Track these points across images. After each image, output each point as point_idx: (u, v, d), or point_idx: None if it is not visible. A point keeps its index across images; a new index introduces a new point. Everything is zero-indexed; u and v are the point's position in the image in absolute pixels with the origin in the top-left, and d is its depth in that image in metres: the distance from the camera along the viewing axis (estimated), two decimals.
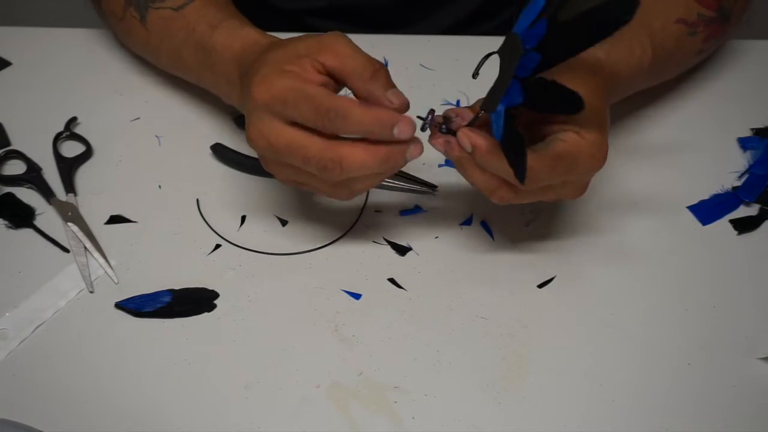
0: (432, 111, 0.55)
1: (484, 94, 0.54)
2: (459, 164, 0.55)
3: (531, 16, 0.52)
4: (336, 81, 0.55)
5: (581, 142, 0.54)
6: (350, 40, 0.56)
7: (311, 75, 0.54)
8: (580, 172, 0.55)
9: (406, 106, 0.54)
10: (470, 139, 0.52)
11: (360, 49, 0.55)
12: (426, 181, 0.65)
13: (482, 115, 0.54)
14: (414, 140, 0.53)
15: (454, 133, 0.54)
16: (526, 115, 0.55)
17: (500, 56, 0.54)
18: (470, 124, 0.54)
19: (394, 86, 0.54)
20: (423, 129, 0.55)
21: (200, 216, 0.65)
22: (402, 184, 0.66)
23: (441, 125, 0.55)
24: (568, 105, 0.50)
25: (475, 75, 0.55)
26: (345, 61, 0.54)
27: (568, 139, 0.54)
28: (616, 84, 0.61)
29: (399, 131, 0.52)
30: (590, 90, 0.55)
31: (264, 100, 0.53)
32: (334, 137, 0.53)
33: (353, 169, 0.53)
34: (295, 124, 0.53)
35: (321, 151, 0.53)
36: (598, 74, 0.58)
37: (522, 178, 0.51)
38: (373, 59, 0.55)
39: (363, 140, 0.53)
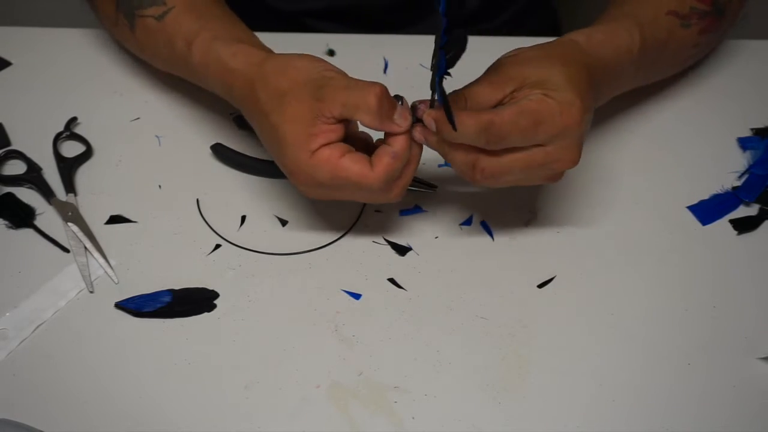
0: (399, 98, 0.57)
1: None
2: (442, 151, 0.56)
3: None
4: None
5: (548, 100, 0.54)
6: (336, 74, 0.57)
7: (333, 136, 0.56)
8: (550, 132, 0.54)
9: (410, 119, 0.56)
10: (430, 115, 0.55)
11: (348, 77, 0.56)
12: (426, 181, 0.65)
13: (435, 97, 0.55)
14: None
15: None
16: (501, 88, 0.56)
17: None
18: (430, 107, 0.56)
19: (394, 105, 0.56)
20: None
21: (200, 216, 0.65)
22: None
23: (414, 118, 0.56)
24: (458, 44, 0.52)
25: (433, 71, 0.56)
26: (345, 105, 0.55)
27: (533, 98, 0.54)
28: (604, 68, 0.60)
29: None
30: (565, 59, 0.56)
31: (306, 182, 0.57)
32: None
33: (400, 192, 0.58)
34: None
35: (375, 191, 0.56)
36: (577, 52, 0.58)
37: (453, 125, 0.52)
38: (367, 84, 0.55)
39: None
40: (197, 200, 0.66)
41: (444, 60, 0.53)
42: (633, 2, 0.67)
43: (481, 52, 0.55)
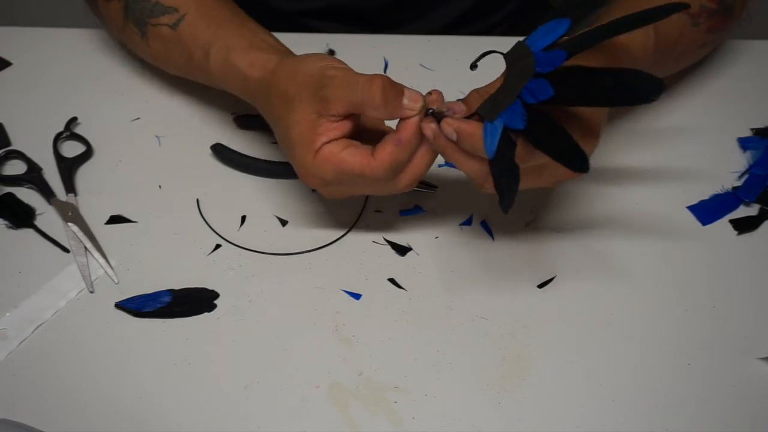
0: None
1: None
2: (447, 154, 0.55)
3: (549, 36, 0.51)
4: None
5: (572, 120, 0.52)
6: (337, 72, 0.56)
7: (337, 133, 0.56)
8: None
9: (422, 100, 0.55)
10: (452, 126, 0.52)
11: (350, 73, 0.56)
12: (426, 182, 0.65)
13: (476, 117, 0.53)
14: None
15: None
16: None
17: (507, 61, 0.53)
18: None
19: (401, 90, 0.55)
20: (432, 113, 0.55)
21: (200, 216, 0.65)
22: None
23: (429, 111, 0.55)
24: (571, 158, 0.49)
25: (473, 66, 0.55)
26: (350, 103, 0.55)
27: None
28: (618, 61, 0.59)
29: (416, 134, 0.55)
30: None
31: (316, 182, 0.57)
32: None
33: (410, 181, 0.57)
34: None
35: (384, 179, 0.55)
36: (596, 53, 0.56)
37: (507, 207, 0.50)
38: (368, 78, 0.54)
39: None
40: (197, 200, 0.66)
41: (522, 114, 0.50)
42: (644, 2, 0.66)
43: (481, 51, 0.55)
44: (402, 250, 0.63)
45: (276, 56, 0.61)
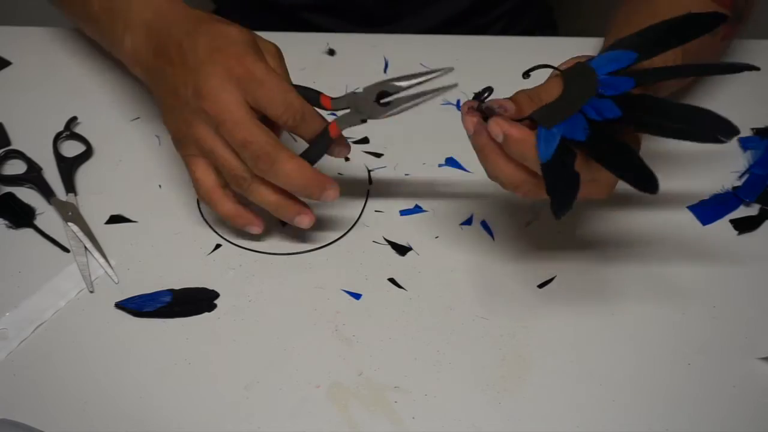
0: (489, 90, 0.53)
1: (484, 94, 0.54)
2: (483, 153, 0.53)
3: (614, 64, 0.51)
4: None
5: None
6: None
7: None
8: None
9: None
10: (502, 128, 0.50)
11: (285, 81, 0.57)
12: (436, 69, 0.58)
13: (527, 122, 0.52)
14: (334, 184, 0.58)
15: (485, 118, 0.52)
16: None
17: (564, 78, 0.52)
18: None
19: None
20: (477, 107, 0.53)
21: (200, 216, 0.65)
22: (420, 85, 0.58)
23: (481, 103, 0.53)
24: (638, 178, 0.48)
25: (526, 75, 0.54)
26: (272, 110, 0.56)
27: None
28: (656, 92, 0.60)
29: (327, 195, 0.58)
30: None
31: (238, 74, 0.55)
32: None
33: (280, 174, 0.56)
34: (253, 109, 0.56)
35: (266, 143, 0.55)
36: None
37: (561, 214, 0.49)
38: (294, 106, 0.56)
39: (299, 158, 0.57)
40: (197, 200, 0.66)
41: (585, 126, 0.50)
42: (664, 11, 0.65)
43: (481, 53, 0.55)
44: (402, 250, 0.63)
45: None
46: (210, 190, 0.59)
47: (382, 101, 0.57)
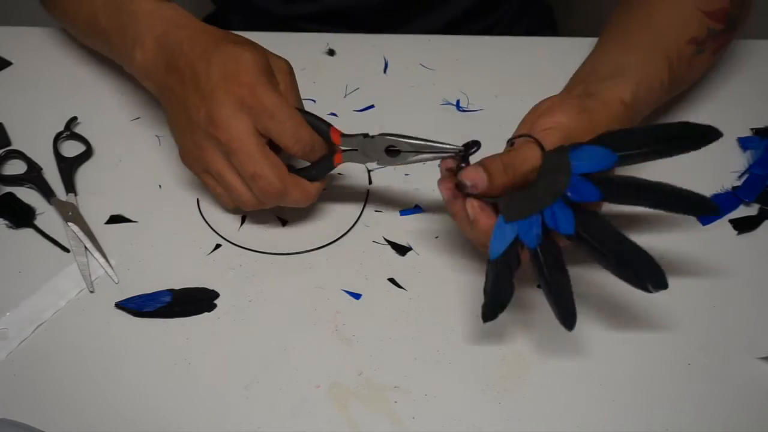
0: (476, 145, 0.54)
1: (483, 94, 0.54)
2: (456, 218, 0.55)
3: (594, 164, 0.52)
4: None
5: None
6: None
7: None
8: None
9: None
10: (474, 211, 0.53)
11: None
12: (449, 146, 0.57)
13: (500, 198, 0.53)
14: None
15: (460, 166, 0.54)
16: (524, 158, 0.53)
17: (543, 161, 0.53)
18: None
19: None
20: (461, 158, 0.54)
21: (200, 216, 0.65)
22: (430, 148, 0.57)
23: (459, 170, 0.54)
24: (561, 315, 0.51)
25: (509, 143, 0.56)
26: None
27: None
28: (636, 122, 0.61)
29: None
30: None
31: (250, 104, 0.56)
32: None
33: (288, 202, 0.59)
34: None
35: (274, 177, 0.57)
36: (622, 122, 0.58)
37: (486, 318, 0.52)
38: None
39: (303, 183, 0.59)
40: (197, 200, 0.66)
41: (570, 217, 0.52)
42: (659, 26, 0.66)
43: (482, 52, 0.55)
44: (402, 250, 0.63)
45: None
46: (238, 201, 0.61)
47: (390, 149, 0.57)
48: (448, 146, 0.55)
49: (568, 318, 0.51)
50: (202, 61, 0.58)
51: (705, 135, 0.53)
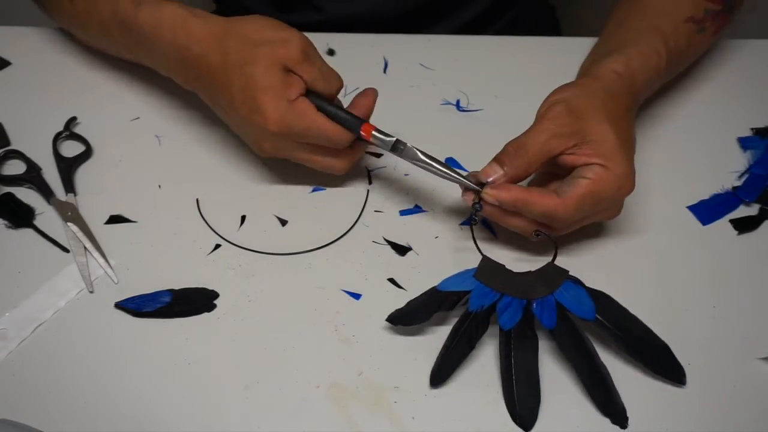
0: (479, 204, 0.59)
1: (483, 94, 0.54)
2: (493, 217, 0.59)
3: (577, 306, 0.55)
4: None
5: (607, 175, 0.56)
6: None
7: (303, 87, 0.60)
8: (609, 204, 0.58)
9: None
10: (494, 196, 0.57)
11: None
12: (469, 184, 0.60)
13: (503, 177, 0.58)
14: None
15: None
16: (565, 142, 0.57)
17: (542, 271, 0.58)
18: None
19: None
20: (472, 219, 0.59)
21: (200, 216, 0.65)
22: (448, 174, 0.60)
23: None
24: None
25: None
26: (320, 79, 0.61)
27: (593, 175, 0.56)
28: (636, 94, 0.63)
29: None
30: (616, 113, 0.58)
31: (281, 131, 0.59)
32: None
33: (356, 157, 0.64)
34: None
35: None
36: (623, 95, 0.61)
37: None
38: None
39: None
40: (197, 200, 0.66)
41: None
42: (653, 11, 0.68)
43: (481, 52, 0.55)
44: (402, 250, 0.63)
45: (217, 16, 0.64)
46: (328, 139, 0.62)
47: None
48: (467, 182, 0.59)
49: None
50: (224, 93, 0.61)
51: (672, 370, 0.55)
